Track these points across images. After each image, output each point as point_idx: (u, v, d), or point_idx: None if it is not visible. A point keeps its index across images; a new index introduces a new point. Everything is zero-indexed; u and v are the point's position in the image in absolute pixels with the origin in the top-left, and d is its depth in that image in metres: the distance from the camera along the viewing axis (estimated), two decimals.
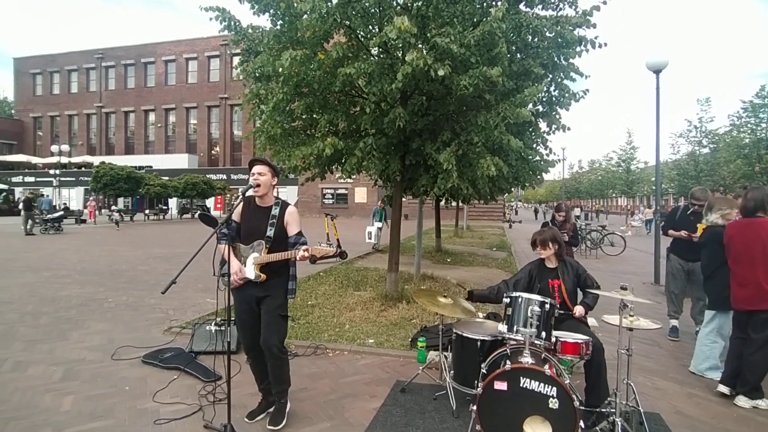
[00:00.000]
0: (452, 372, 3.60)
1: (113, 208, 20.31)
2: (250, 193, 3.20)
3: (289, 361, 3.34)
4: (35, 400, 3.55)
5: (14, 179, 41.04)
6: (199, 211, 29.08)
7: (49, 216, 19.77)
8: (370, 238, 14.01)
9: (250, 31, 5.89)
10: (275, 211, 3.19)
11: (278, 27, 5.45)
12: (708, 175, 24.73)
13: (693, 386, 4.08)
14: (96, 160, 34.40)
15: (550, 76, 5.84)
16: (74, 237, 17.79)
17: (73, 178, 39.45)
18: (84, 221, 24.60)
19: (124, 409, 3.44)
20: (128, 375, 4.09)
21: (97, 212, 25.86)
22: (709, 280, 4.37)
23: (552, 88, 6.04)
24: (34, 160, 41.30)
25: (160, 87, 42.51)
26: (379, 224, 13.66)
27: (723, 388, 3.85)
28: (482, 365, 3.15)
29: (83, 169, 38.69)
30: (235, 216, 3.30)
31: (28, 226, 18.45)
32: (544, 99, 6.11)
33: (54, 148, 30.51)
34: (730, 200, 4.66)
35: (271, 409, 3.33)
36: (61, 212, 21.87)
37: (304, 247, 2.99)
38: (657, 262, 9.29)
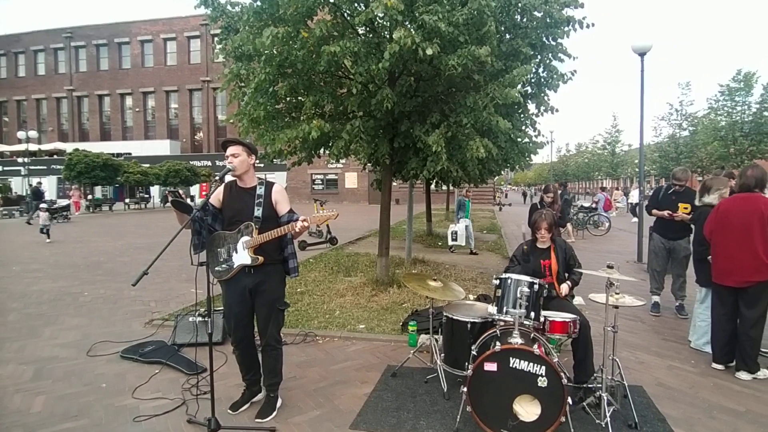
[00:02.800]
0: (443, 355, 3.61)
1: (42, 205, 15.49)
2: (229, 177, 3.08)
3: (283, 353, 3.29)
4: (4, 402, 3.38)
5: None
6: (172, 198, 28.32)
7: (56, 205, 20.03)
8: (454, 239, 10.40)
9: (228, 7, 5.68)
10: (260, 191, 3.08)
11: (258, 2, 5.25)
12: (687, 157, 25.26)
13: (673, 359, 4.22)
14: (69, 147, 32.96)
15: (539, 56, 5.79)
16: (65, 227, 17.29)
17: (44, 167, 37.90)
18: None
19: (101, 408, 3.30)
20: (105, 371, 3.93)
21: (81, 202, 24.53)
22: (700, 258, 4.44)
23: (540, 69, 5.99)
24: (0, 147, 39.47)
25: (137, 69, 40.99)
26: (467, 221, 10.60)
27: (718, 366, 3.95)
28: (472, 347, 3.17)
29: (55, 156, 37.30)
30: (214, 201, 3.16)
31: (35, 216, 18.62)
32: (533, 80, 6.06)
33: (21, 134, 28.78)
34: (723, 180, 4.71)
35: (256, 399, 3.30)
36: (69, 202, 22.11)
37: (302, 217, 2.87)
38: (640, 241, 9.48)
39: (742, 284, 3.80)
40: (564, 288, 3.61)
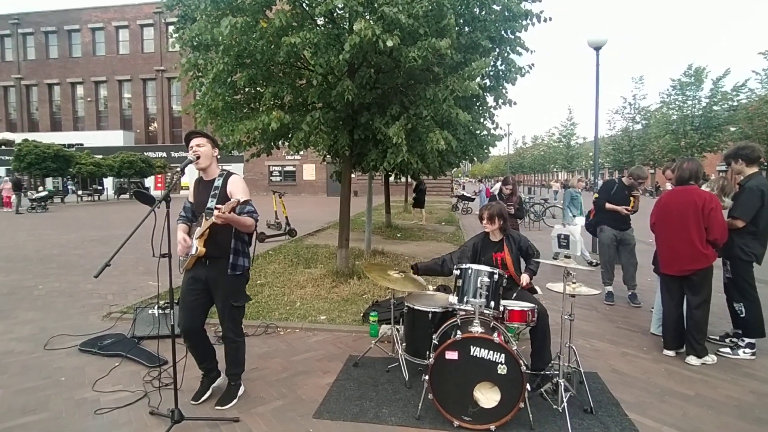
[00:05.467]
0: (404, 344, 3.65)
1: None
2: (191, 167, 3.04)
3: (245, 344, 3.28)
4: None
5: None
6: (134, 188, 27.66)
7: (36, 196, 20.68)
8: (564, 245, 6.07)
9: None
10: (218, 182, 3.07)
11: None
12: (640, 150, 26.26)
13: (626, 346, 4.38)
14: (17, 137, 31.38)
15: (498, 49, 5.87)
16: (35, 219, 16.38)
17: None
18: None
19: (61, 401, 3.23)
20: (64, 365, 3.84)
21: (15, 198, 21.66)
22: None
23: (499, 63, 6.08)
24: None
25: (88, 57, 39.10)
26: (581, 218, 7.50)
27: (669, 353, 4.14)
28: (434, 336, 3.20)
29: (3, 147, 35.32)
30: (190, 197, 3.20)
31: (18, 207, 19.69)
32: (491, 73, 6.14)
33: None
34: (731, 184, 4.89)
35: (216, 384, 3.28)
36: (46, 192, 22.22)
37: (217, 205, 2.78)
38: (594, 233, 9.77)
39: (683, 273, 3.99)
40: (524, 278, 3.62)
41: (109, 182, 33.10)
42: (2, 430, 2.87)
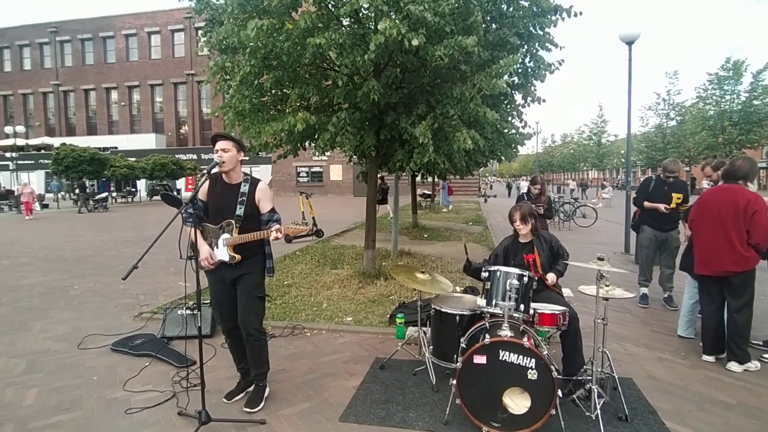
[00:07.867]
0: (431, 347, 3.60)
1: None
2: (216, 170, 3.05)
3: (267, 342, 3.29)
4: None
5: None
6: (161, 191, 28.69)
7: (98, 196, 23.24)
8: None
9: None
10: (244, 188, 3.07)
11: None
12: (674, 147, 25.45)
13: (662, 351, 4.21)
14: (56, 141, 32.86)
15: (526, 46, 5.74)
16: (69, 221, 17.07)
17: (32, 161, 37.70)
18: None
19: (93, 400, 3.31)
20: (96, 364, 3.93)
21: (37, 204, 22.20)
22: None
23: (527, 60, 5.94)
24: None
25: (122, 63, 40.55)
26: None
27: (708, 358, 3.95)
28: (461, 340, 3.15)
29: (42, 151, 36.99)
30: (201, 195, 3.15)
31: (81, 206, 22.20)
32: (520, 70, 6.00)
33: (8, 129, 28.22)
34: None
35: (250, 389, 3.29)
36: (106, 194, 25.02)
37: (276, 226, 2.89)
38: (627, 233, 9.50)
39: (718, 274, 3.80)
40: (551, 277, 3.55)
41: (141, 184, 34.17)
42: (38, 428, 2.95)
